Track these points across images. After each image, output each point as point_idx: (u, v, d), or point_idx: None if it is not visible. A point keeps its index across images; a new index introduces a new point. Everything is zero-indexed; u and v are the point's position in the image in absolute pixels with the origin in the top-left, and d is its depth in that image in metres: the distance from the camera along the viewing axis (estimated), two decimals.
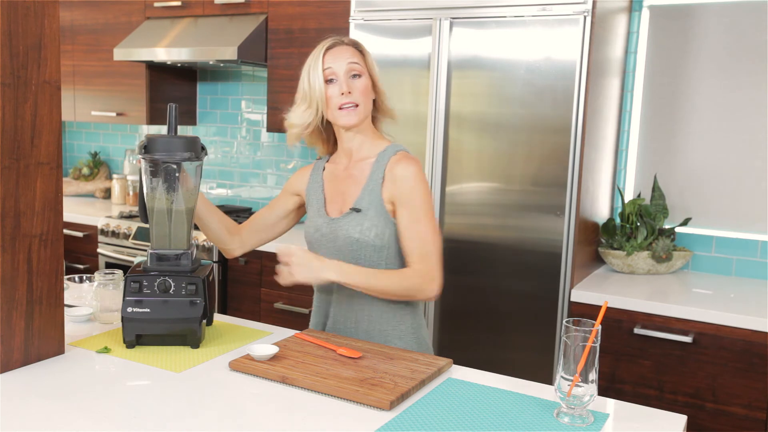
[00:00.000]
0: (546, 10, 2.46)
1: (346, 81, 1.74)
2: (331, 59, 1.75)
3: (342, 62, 1.75)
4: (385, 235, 1.75)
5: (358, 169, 1.81)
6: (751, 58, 2.71)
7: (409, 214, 1.73)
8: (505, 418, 1.36)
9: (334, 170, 1.87)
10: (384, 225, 1.75)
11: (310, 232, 1.83)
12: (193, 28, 3.54)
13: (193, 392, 1.44)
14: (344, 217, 1.77)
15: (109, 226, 3.58)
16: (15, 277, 1.49)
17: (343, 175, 1.84)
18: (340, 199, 1.82)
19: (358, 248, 1.75)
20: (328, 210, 1.83)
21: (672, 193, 2.88)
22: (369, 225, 1.74)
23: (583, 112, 2.44)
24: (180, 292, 1.68)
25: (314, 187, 1.88)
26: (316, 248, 1.82)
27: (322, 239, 1.80)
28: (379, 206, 1.75)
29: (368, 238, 1.73)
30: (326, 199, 1.85)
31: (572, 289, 2.48)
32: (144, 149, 1.67)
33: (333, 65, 1.75)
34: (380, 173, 1.77)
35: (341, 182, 1.83)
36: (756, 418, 2.23)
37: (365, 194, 1.77)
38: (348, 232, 1.75)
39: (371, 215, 1.74)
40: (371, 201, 1.75)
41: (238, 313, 3.26)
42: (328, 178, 1.87)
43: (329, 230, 1.79)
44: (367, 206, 1.75)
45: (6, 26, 1.43)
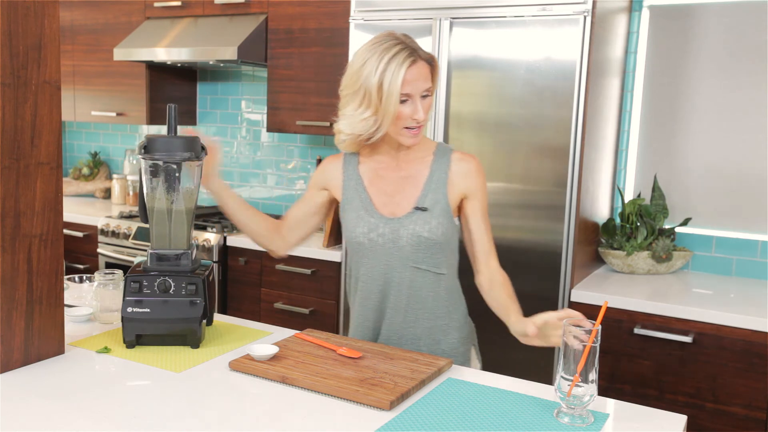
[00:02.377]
0: (546, 10, 2.46)
1: (419, 104, 1.66)
2: (410, 80, 1.63)
3: (420, 85, 1.65)
4: (448, 233, 1.76)
5: (413, 169, 1.78)
6: (751, 58, 2.71)
7: (480, 209, 1.79)
8: (505, 418, 1.36)
9: (375, 168, 1.81)
10: (448, 223, 1.75)
11: (363, 231, 1.76)
12: (193, 28, 3.54)
13: (193, 392, 1.44)
14: (408, 217, 1.74)
15: (109, 226, 3.58)
16: (15, 277, 1.49)
17: (392, 175, 1.79)
18: (390, 199, 1.78)
19: (423, 247, 1.74)
20: (379, 209, 1.78)
21: (672, 193, 2.88)
22: (436, 224, 1.73)
23: (583, 112, 2.44)
24: (180, 292, 1.68)
25: (351, 184, 1.81)
26: (368, 248, 1.77)
27: (380, 239, 1.75)
28: (444, 204, 1.75)
29: (436, 237, 1.73)
30: (371, 197, 1.79)
31: (572, 289, 2.49)
32: (144, 149, 1.67)
33: (412, 88, 1.64)
34: (443, 172, 1.76)
35: (389, 182, 1.79)
36: (756, 418, 2.23)
37: (428, 193, 1.75)
38: (415, 231, 1.73)
39: (437, 213, 1.74)
40: (436, 199, 1.74)
41: (238, 313, 3.26)
42: (369, 176, 1.81)
43: (389, 230, 1.75)
44: (432, 205, 1.74)
45: (6, 26, 1.43)
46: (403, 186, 1.78)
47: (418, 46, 1.68)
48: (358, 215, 1.78)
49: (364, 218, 1.77)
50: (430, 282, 1.77)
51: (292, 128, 3.38)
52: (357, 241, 1.78)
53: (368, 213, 1.78)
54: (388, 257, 1.76)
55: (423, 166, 1.78)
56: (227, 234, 3.30)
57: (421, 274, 1.76)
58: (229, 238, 3.27)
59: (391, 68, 1.62)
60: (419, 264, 1.75)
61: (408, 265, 1.75)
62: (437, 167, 1.77)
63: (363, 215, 1.78)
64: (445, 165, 1.77)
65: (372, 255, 1.77)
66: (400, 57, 1.63)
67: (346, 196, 1.82)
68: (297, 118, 3.36)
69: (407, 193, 1.77)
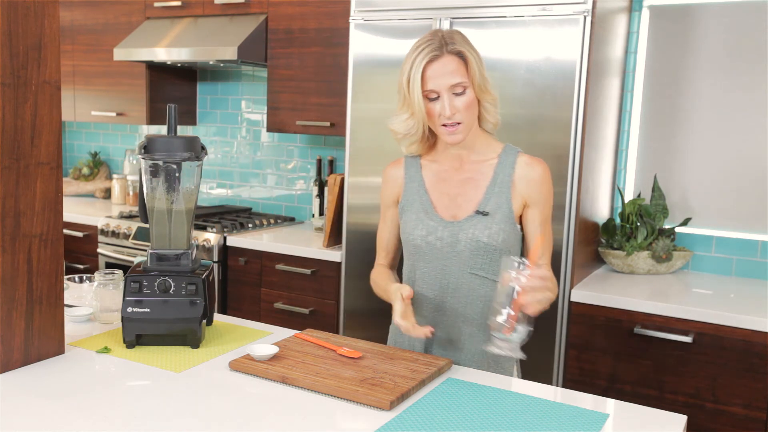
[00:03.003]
0: (546, 10, 2.46)
1: (449, 99, 1.62)
2: (432, 76, 1.60)
3: (445, 81, 1.60)
4: (510, 239, 1.70)
5: (477, 171, 1.73)
6: (751, 58, 2.71)
7: (542, 214, 1.72)
8: (505, 418, 1.36)
9: (438, 170, 1.77)
10: (510, 229, 1.70)
11: (422, 234, 1.72)
12: (193, 28, 3.55)
13: (193, 392, 1.44)
14: (468, 220, 1.69)
15: (109, 226, 3.58)
16: (15, 277, 1.49)
17: (454, 177, 1.75)
18: (452, 202, 1.73)
19: (482, 252, 1.68)
20: (440, 212, 1.73)
21: (672, 193, 2.88)
22: (497, 229, 1.68)
23: (583, 112, 2.44)
24: (180, 292, 1.68)
25: (413, 186, 1.78)
26: (425, 251, 1.73)
27: (438, 242, 1.71)
28: (507, 210, 1.69)
29: (496, 243, 1.68)
30: (432, 200, 1.75)
31: (572, 289, 2.48)
32: (144, 149, 1.67)
33: (435, 85, 1.61)
34: (508, 176, 1.71)
35: (451, 184, 1.75)
36: (756, 418, 2.23)
37: (491, 197, 1.70)
38: (474, 235, 1.68)
39: (498, 219, 1.68)
40: (498, 204, 1.69)
41: (238, 313, 3.26)
42: (431, 178, 1.77)
43: (448, 233, 1.70)
44: (494, 209, 1.69)
45: (6, 26, 1.43)
46: (465, 188, 1.73)
47: (453, 40, 1.62)
48: (417, 217, 1.74)
49: (424, 221, 1.73)
50: (487, 289, 1.71)
51: (292, 128, 3.38)
52: (414, 244, 1.74)
53: (428, 216, 1.73)
54: (445, 261, 1.71)
55: (487, 168, 1.73)
56: (227, 234, 3.30)
57: (479, 281, 1.71)
58: (229, 238, 3.27)
59: (414, 66, 1.61)
60: (477, 270, 1.70)
61: (465, 271, 1.70)
62: (501, 170, 1.71)
63: (422, 218, 1.73)
64: (509, 168, 1.71)
65: (429, 258, 1.73)
66: (423, 53, 1.61)
67: (406, 197, 1.78)
68: (297, 118, 3.36)
69: (469, 196, 1.72)
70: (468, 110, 1.64)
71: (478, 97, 1.66)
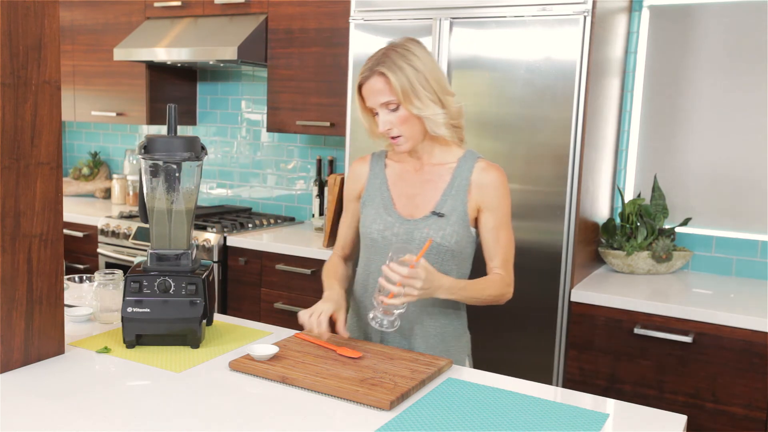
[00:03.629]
0: (546, 10, 2.46)
1: (383, 116, 1.71)
2: (366, 95, 1.72)
3: (375, 99, 1.70)
4: (462, 242, 1.76)
5: (436, 174, 1.79)
6: (751, 58, 2.71)
7: (495, 220, 1.76)
8: (505, 418, 1.36)
9: (400, 170, 1.84)
10: (464, 233, 1.76)
11: (379, 229, 1.79)
12: (193, 28, 3.55)
13: (193, 392, 1.44)
14: (423, 220, 1.75)
15: (109, 226, 3.58)
16: (15, 277, 1.49)
17: (414, 177, 1.81)
18: (409, 201, 1.80)
19: (434, 252, 1.74)
20: (398, 209, 1.80)
21: (672, 193, 2.88)
22: (451, 231, 1.74)
23: (583, 112, 2.44)
24: (180, 292, 1.68)
25: (376, 182, 1.85)
26: (381, 246, 1.79)
27: (393, 238, 1.77)
28: (462, 213, 1.75)
29: (449, 244, 1.74)
30: (393, 197, 1.82)
31: (572, 289, 2.48)
32: (144, 149, 1.67)
33: (369, 103, 1.72)
34: (465, 180, 1.76)
35: (412, 184, 1.81)
36: (756, 418, 2.23)
37: (447, 199, 1.76)
38: (428, 235, 1.73)
39: (453, 221, 1.74)
40: (454, 207, 1.75)
41: (238, 313, 3.26)
42: (393, 177, 1.84)
43: (404, 230, 1.76)
44: (449, 211, 1.75)
45: (6, 26, 1.43)
46: (424, 189, 1.79)
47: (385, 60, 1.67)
48: (377, 212, 1.81)
49: (382, 216, 1.79)
50: None
51: (292, 128, 3.38)
52: (371, 237, 1.81)
53: (387, 212, 1.80)
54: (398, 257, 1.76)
55: (446, 171, 1.79)
56: (227, 234, 3.30)
57: None
58: (229, 238, 3.27)
59: (356, 88, 1.75)
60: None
61: None
62: (459, 174, 1.77)
63: (381, 213, 1.80)
64: (467, 173, 1.77)
65: (384, 253, 1.77)
66: (359, 75, 1.73)
67: (368, 192, 1.85)
68: (297, 118, 3.36)
69: (427, 197, 1.78)
70: (403, 124, 1.70)
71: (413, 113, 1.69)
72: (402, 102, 1.67)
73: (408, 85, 1.66)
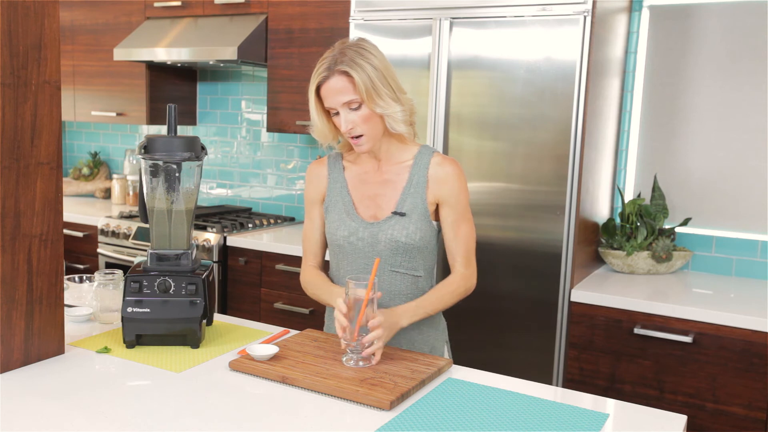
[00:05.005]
0: (546, 10, 2.46)
1: (345, 115, 1.68)
2: (325, 95, 1.68)
3: (336, 99, 1.67)
4: (426, 237, 1.77)
5: (394, 173, 1.79)
6: (751, 58, 2.71)
7: (455, 214, 1.77)
8: (505, 418, 1.36)
9: (359, 173, 1.83)
10: (426, 228, 1.76)
11: (344, 235, 1.78)
12: (193, 28, 3.55)
13: (193, 392, 1.44)
14: (386, 221, 1.76)
15: (109, 226, 3.58)
16: (15, 277, 1.49)
17: (373, 178, 1.81)
18: (372, 202, 1.80)
19: (401, 251, 1.75)
20: (361, 213, 1.80)
21: (672, 193, 2.88)
22: (414, 229, 1.74)
23: (583, 112, 2.44)
24: (180, 292, 1.68)
25: (336, 187, 1.83)
26: (349, 252, 1.78)
27: (359, 243, 1.77)
28: (423, 209, 1.75)
29: (414, 241, 1.75)
30: (354, 201, 1.81)
31: (572, 289, 2.48)
32: (144, 149, 1.67)
33: (329, 103, 1.68)
34: (422, 176, 1.76)
35: (371, 185, 1.81)
36: (756, 418, 2.23)
37: (407, 197, 1.76)
38: (392, 235, 1.74)
39: (415, 219, 1.75)
40: (414, 204, 1.75)
41: (238, 313, 3.26)
42: (353, 180, 1.83)
43: (368, 234, 1.76)
44: (410, 210, 1.75)
45: (6, 26, 1.43)
46: (384, 190, 1.80)
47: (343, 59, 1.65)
48: (339, 218, 1.80)
49: (345, 221, 1.79)
50: (408, 284, 1.79)
51: (292, 128, 3.38)
52: (337, 244, 1.81)
53: (349, 216, 1.79)
54: (366, 260, 1.78)
55: (403, 170, 1.79)
56: (227, 234, 3.30)
57: (399, 277, 1.78)
58: (229, 238, 3.27)
59: (310, 87, 1.70)
60: (397, 268, 1.77)
61: (386, 269, 1.77)
62: (416, 171, 1.77)
63: (344, 218, 1.79)
64: (423, 169, 1.77)
65: (352, 258, 1.79)
66: (315, 75, 1.69)
67: (330, 197, 1.84)
68: (297, 118, 3.36)
69: (388, 197, 1.79)
70: (366, 123, 1.69)
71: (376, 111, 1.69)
72: (365, 100, 1.65)
73: (369, 83, 1.65)
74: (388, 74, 1.70)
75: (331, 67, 1.66)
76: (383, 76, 1.68)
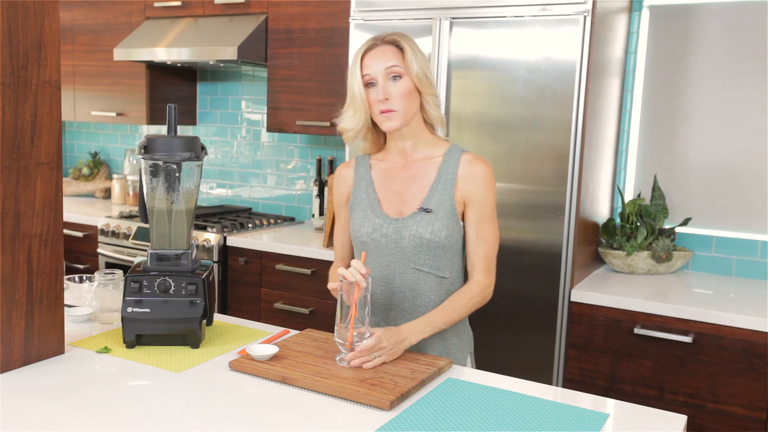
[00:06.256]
0: (546, 10, 2.46)
1: (385, 84, 1.68)
2: (369, 62, 1.69)
3: (380, 65, 1.68)
4: (453, 236, 1.74)
5: (421, 169, 1.77)
6: (751, 58, 2.71)
7: (480, 215, 1.74)
8: (505, 418, 1.36)
9: (386, 169, 1.82)
10: (453, 226, 1.73)
11: (368, 231, 1.76)
12: (193, 28, 3.54)
13: (193, 392, 1.44)
14: (411, 217, 1.73)
15: (109, 226, 3.58)
16: (15, 277, 1.49)
17: (401, 174, 1.79)
18: (398, 198, 1.78)
19: (425, 249, 1.72)
20: (385, 209, 1.78)
21: (672, 193, 2.88)
22: (440, 226, 1.71)
23: (583, 112, 2.44)
24: (180, 292, 1.68)
25: (362, 185, 1.82)
26: (372, 249, 1.77)
27: (383, 239, 1.75)
28: (450, 207, 1.73)
29: (439, 239, 1.72)
30: (380, 198, 1.80)
31: (572, 289, 2.48)
32: (144, 149, 1.67)
33: (371, 70, 1.69)
34: (451, 173, 1.74)
35: (398, 181, 1.79)
36: (756, 418, 2.23)
37: (434, 194, 1.74)
38: (417, 232, 1.71)
39: (441, 216, 1.72)
40: (442, 201, 1.73)
41: (238, 313, 3.26)
42: (380, 177, 1.81)
43: (392, 230, 1.74)
44: (437, 206, 1.73)
45: (6, 26, 1.43)
46: (411, 185, 1.77)
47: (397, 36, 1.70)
48: (364, 215, 1.78)
49: (370, 218, 1.77)
50: (432, 285, 1.75)
51: (292, 128, 3.38)
52: (361, 241, 1.79)
53: (374, 213, 1.77)
54: (390, 258, 1.75)
55: (431, 166, 1.77)
56: (227, 234, 3.30)
57: (423, 277, 1.75)
58: (229, 238, 3.27)
59: (353, 60, 1.73)
60: (421, 266, 1.74)
61: (410, 267, 1.74)
62: (445, 168, 1.75)
63: (369, 215, 1.78)
64: (453, 167, 1.75)
65: (375, 255, 1.77)
66: (361, 48, 1.72)
67: (355, 195, 1.83)
68: (297, 118, 3.36)
69: (414, 193, 1.76)
70: (403, 98, 1.69)
71: (418, 89, 1.71)
72: (409, 71, 1.68)
73: (415, 58, 1.70)
74: (427, 66, 1.73)
75: (378, 38, 1.71)
76: (426, 63, 1.73)
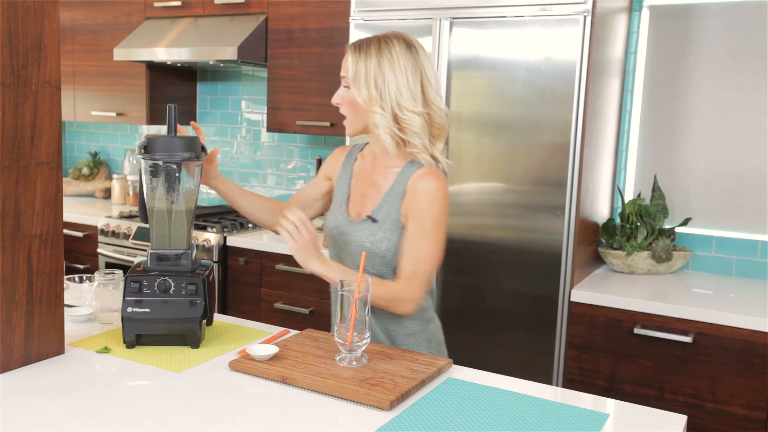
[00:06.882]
0: (546, 10, 2.46)
1: (340, 90, 1.77)
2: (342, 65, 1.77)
3: (342, 70, 1.76)
4: (393, 248, 1.73)
5: (383, 177, 1.78)
6: (751, 58, 2.71)
7: (416, 230, 1.69)
8: (505, 418, 1.36)
9: (363, 166, 1.85)
10: (397, 238, 1.72)
11: (332, 226, 1.83)
12: (193, 28, 3.54)
13: (193, 392, 1.44)
14: (360, 223, 1.76)
15: (109, 226, 3.58)
16: (15, 277, 1.49)
17: (369, 177, 1.81)
18: (361, 200, 1.81)
19: (368, 256, 1.73)
20: (349, 209, 1.82)
21: (672, 193, 2.88)
22: (381, 237, 1.72)
23: (583, 112, 2.44)
24: (180, 292, 1.68)
25: (343, 176, 1.87)
26: (331, 245, 1.84)
27: (339, 238, 1.81)
28: (395, 219, 1.72)
29: (379, 250, 1.72)
30: (350, 194, 1.84)
31: (572, 289, 2.48)
32: (144, 149, 1.67)
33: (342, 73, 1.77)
34: (402, 186, 1.72)
35: (365, 184, 1.81)
36: (756, 418, 2.23)
37: (384, 204, 1.74)
38: (360, 239, 1.74)
39: (386, 227, 1.73)
40: (389, 213, 1.73)
41: (238, 313, 3.26)
42: (357, 172, 1.85)
43: (346, 231, 1.79)
44: (383, 217, 1.73)
45: (6, 26, 1.43)
46: (371, 190, 1.80)
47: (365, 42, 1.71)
48: (334, 208, 1.86)
49: (337, 214, 1.84)
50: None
51: (292, 128, 3.39)
52: (328, 233, 1.87)
53: (340, 210, 1.83)
54: (343, 255, 1.82)
55: (390, 175, 1.77)
56: (227, 234, 3.30)
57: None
58: (229, 238, 3.27)
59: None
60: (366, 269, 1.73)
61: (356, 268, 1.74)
62: (399, 180, 1.74)
63: (337, 211, 1.84)
64: (405, 179, 1.72)
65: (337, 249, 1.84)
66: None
67: (337, 184, 1.89)
68: (297, 118, 3.36)
69: (372, 199, 1.79)
70: (349, 106, 1.74)
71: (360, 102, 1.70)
72: (350, 83, 1.72)
73: (363, 72, 1.67)
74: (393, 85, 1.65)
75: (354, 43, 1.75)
76: (383, 81, 1.66)
